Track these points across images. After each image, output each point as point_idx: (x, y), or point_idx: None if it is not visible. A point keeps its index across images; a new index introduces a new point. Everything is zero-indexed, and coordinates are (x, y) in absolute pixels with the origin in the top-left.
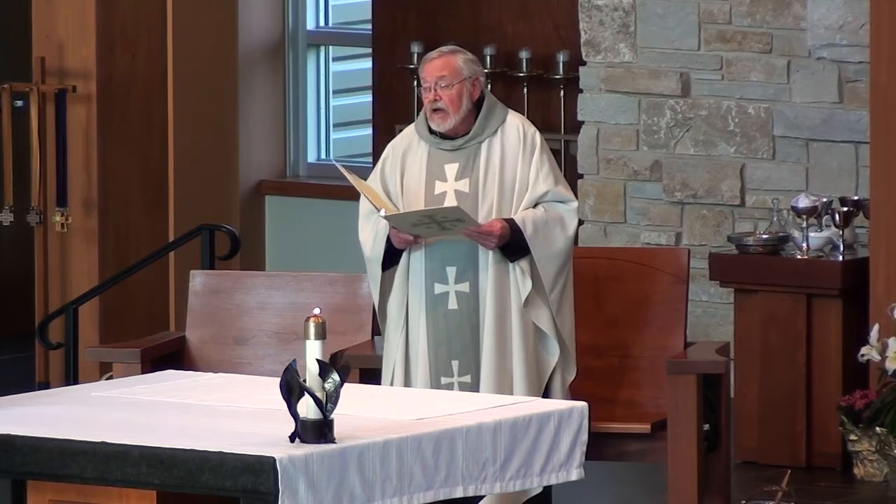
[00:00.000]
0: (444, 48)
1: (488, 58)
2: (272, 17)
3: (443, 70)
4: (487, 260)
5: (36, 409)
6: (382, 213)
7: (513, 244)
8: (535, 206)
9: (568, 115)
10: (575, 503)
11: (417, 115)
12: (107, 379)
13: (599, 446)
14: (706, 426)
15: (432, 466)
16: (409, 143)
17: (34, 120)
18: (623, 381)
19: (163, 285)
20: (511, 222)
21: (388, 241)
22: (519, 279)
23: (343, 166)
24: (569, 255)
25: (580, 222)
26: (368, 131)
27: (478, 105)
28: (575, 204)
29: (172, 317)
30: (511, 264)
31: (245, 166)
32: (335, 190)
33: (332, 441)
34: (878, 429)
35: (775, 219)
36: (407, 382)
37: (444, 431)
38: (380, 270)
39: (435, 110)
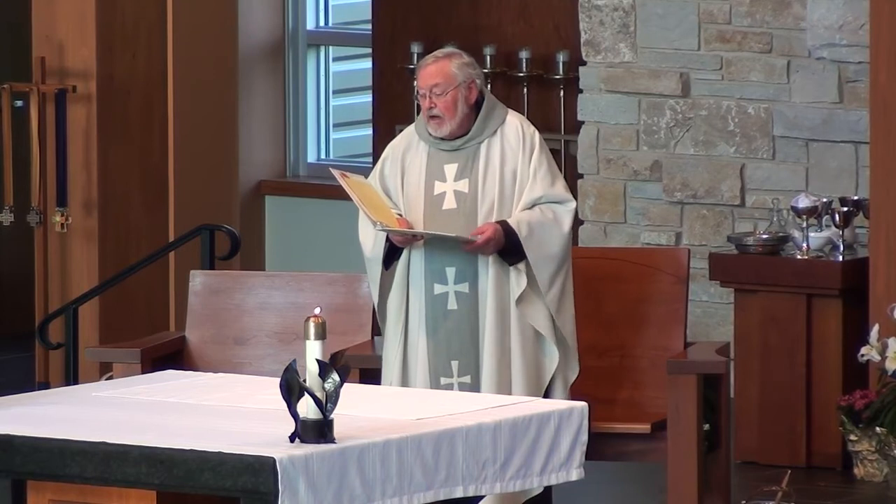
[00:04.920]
0: (439, 52)
1: (488, 58)
2: (272, 17)
3: (436, 77)
4: (487, 260)
5: (36, 409)
6: (379, 226)
7: (509, 247)
8: (532, 207)
9: (568, 115)
10: (575, 503)
11: (417, 115)
12: (107, 379)
13: (599, 446)
14: (706, 426)
15: (432, 466)
16: (408, 143)
17: (34, 120)
18: (623, 381)
19: (163, 285)
20: (505, 224)
21: (389, 239)
22: (513, 277)
23: (341, 173)
24: (565, 257)
25: (580, 222)
26: (368, 131)
27: (477, 106)
28: (573, 204)
29: (172, 317)
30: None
31: (245, 166)
32: (335, 190)
33: (332, 441)
34: (878, 429)
35: (775, 219)
36: (406, 383)
37: (444, 431)
38: (380, 270)
39: (431, 117)
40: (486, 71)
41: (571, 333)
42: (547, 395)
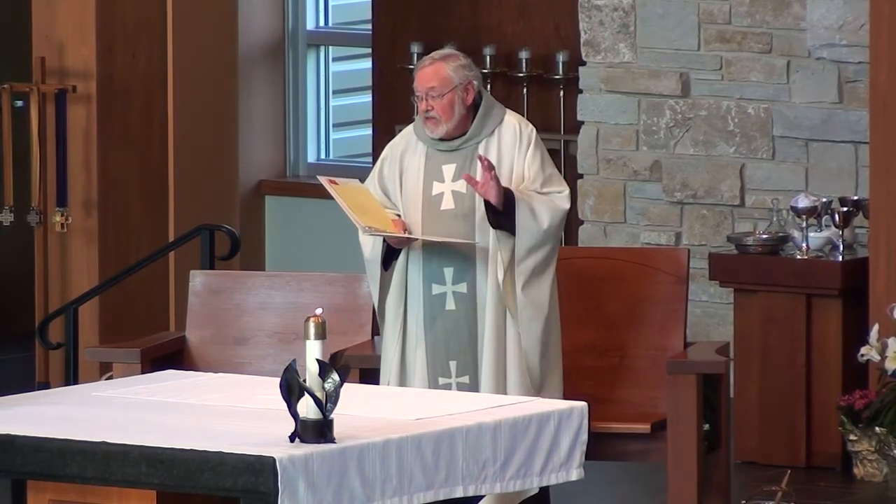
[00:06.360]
0: (436, 54)
1: (488, 58)
2: (272, 17)
3: (432, 80)
4: (485, 260)
5: (36, 409)
6: (368, 231)
7: (502, 212)
8: None
9: (568, 115)
10: (575, 503)
11: (416, 115)
12: (107, 379)
13: (599, 446)
14: (706, 426)
15: (432, 466)
16: (407, 144)
17: (34, 120)
18: (623, 381)
19: (163, 285)
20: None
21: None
22: (489, 269)
23: (328, 180)
24: (550, 237)
25: (580, 222)
26: (368, 131)
27: (475, 106)
28: (567, 191)
29: (172, 317)
30: (496, 252)
31: (245, 166)
32: None
33: (332, 441)
34: (877, 429)
35: (775, 219)
36: (404, 383)
37: (444, 431)
38: (379, 270)
39: (428, 118)
40: (485, 71)
41: (540, 305)
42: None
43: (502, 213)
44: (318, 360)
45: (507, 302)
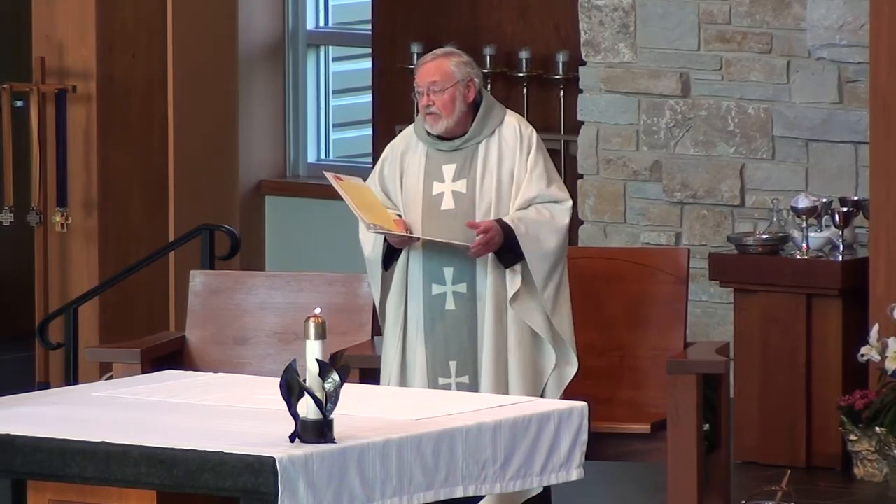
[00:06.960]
0: (438, 51)
1: (488, 58)
2: (272, 17)
3: (434, 75)
4: (485, 260)
5: (36, 409)
6: (372, 228)
7: (506, 245)
8: (528, 207)
9: (568, 115)
10: (575, 503)
11: (417, 115)
12: (107, 379)
13: (599, 446)
14: (706, 426)
15: (432, 466)
16: (407, 144)
17: (34, 120)
18: (623, 381)
19: (163, 285)
20: (501, 222)
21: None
22: (508, 277)
23: (334, 175)
24: (561, 255)
25: (580, 222)
26: (368, 131)
27: (475, 106)
28: (569, 203)
29: (172, 317)
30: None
31: (245, 166)
32: (335, 190)
33: (332, 441)
34: (877, 429)
35: (775, 219)
36: (404, 383)
37: (444, 431)
38: (380, 270)
39: (429, 114)
40: (485, 71)
41: (569, 330)
42: (542, 393)
43: (505, 247)
44: (318, 360)
45: (528, 317)
